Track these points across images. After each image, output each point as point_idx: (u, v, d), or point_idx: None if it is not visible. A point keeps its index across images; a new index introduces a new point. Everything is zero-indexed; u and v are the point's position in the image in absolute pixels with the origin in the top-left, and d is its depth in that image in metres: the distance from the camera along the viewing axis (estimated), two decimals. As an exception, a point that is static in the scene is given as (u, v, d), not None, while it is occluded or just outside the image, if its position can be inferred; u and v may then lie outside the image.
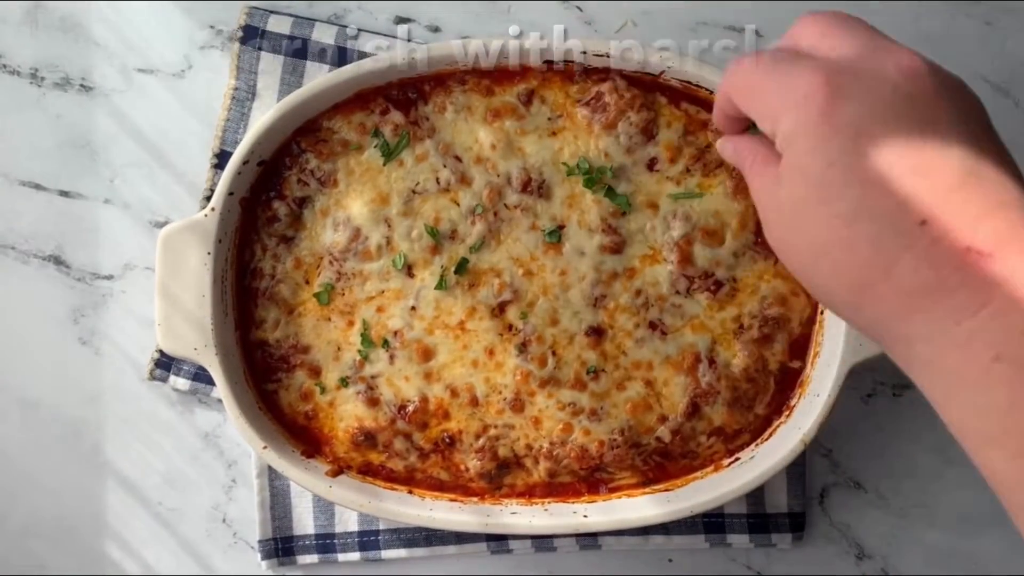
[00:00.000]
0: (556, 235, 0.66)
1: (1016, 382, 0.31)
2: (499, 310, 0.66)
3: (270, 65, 0.71)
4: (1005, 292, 0.32)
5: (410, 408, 0.66)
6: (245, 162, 0.64)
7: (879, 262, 0.34)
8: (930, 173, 0.34)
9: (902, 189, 0.34)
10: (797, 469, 0.71)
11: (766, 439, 0.66)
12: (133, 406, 0.73)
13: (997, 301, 0.32)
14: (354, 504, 0.64)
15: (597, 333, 0.66)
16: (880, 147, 0.34)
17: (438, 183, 0.66)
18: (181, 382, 0.72)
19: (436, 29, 0.72)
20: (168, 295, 0.63)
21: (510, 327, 0.66)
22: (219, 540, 0.74)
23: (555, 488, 0.67)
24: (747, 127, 0.49)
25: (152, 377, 0.72)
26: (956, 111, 0.36)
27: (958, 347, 0.32)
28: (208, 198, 0.70)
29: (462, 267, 0.66)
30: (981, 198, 0.34)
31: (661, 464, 0.67)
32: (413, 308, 0.66)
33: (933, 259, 0.33)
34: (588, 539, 0.72)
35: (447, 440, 0.67)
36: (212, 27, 0.73)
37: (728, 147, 0.49)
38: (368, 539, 0.72)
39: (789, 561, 0.73)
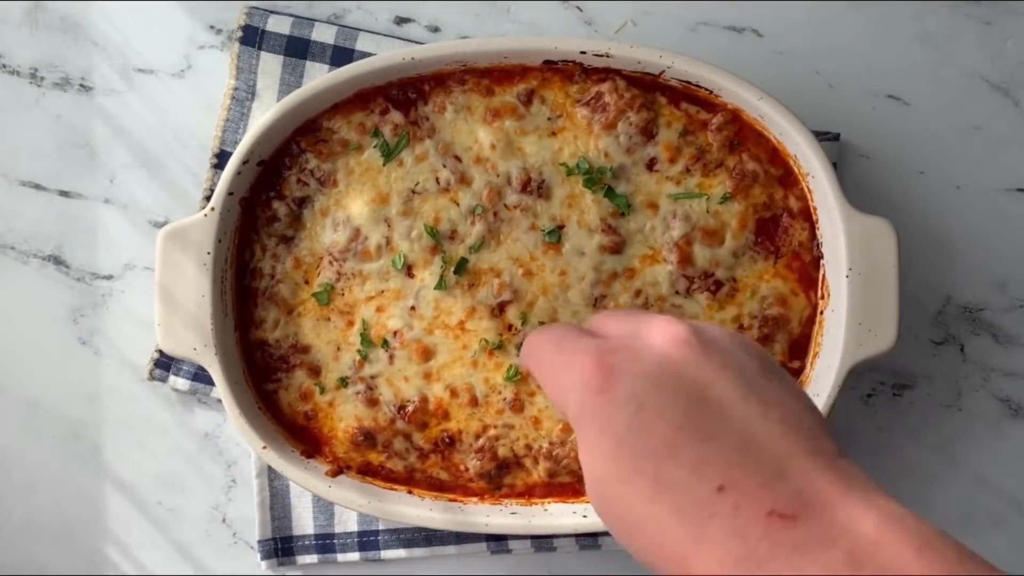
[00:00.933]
0: (556, 235, 0.66)
1: None
2: (499, 310, 0.66)
3: (270, 65, 0.71)
4: (816, 559, 0.30)
5: (410, 408, 0.66)
6: (245, 162, 0.64)
7: (688, 535, 0.33)
8: (714, 437, 0.33)
9: (693, 457, 0.33)
10: (797, 469, 0.71)
11: (766, 439, 0.66)
12: (133, 406, 0.73)
13: (811, 568, 0.30)
14: (354, 504, 0.64)
15: (597, 333, 0.66)
16: (662, 418, 0.34)
17: (438, 183, 0.66)
18: (181, 382, 0.72)
19: (436, 29, 0.72)
20: (168, 295, 0.63)
21: (510, 327, 0.66)
22: (219, 540, 0.73)
23: (555, 488, 0.67)
24: None
25: (152, 377, 0.72)
26: (729, 367, 0.36)
27: None
28: (208, 198, 0.70)
29: (462, 267, 0.66)
30: (771, 454, 0.33)
31: (661, 464, 0.67)
32: (413, 308, 0.66)
33: (738, 529, 0.32)
34: (588, 539, 0.72)
35: (447, 440, 0.67)
36: (212, 27, 0.73)
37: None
38: (368, 539, 0.72)
39: (789, 561, 0.73)
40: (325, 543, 0.72)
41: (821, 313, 0.65)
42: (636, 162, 0.65)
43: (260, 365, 0.67)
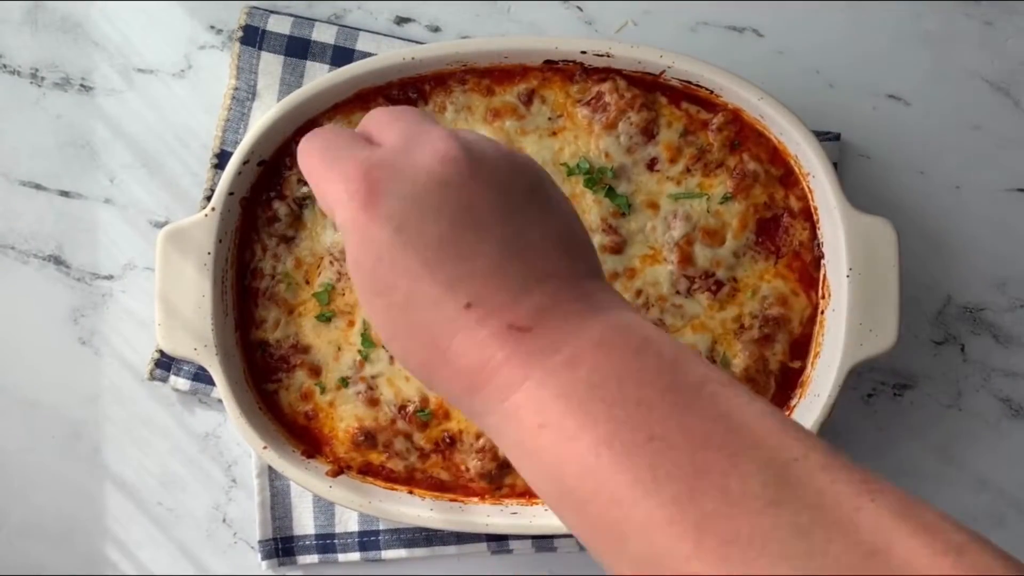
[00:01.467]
0: (556, 235, 0.66)
1: (560, 445, 0.32)
2: (499, 310, 0.66)
3: (270, 65, 0.71)
4: (541, 363, 0.33)
5: (410, 408, 0.66)
6: (245, 162, 0.64)
7: (436, 346, 0.35)
8: (472, 257, 0.35)
9: (447, 276, 0.34)
10: (797, 469, 0.71)
11: (766, 439, 0.66)
12: (133, 406, 0.73)
13: (536, 373, 0.33)
14: (354, 504, 0.64)
15: (597, 333, 0.66)
16: (422, 237, 0.35)
17: (438, 183, 0.66)
18: (181, 382, 0.72)
19: (436, 29, 0.72)
20: (168, 295, 0.63)
21: (510, 327, 0.66)
22: (219, 540, 0.73)
23: (555, 488, 0.67)
24: None
25: (152, 377, 0.72)
26: (493, 189, 0.36)
27: (510, 420, 0.34)
28: (208, 198, 0.70)
29: (462, 267, 0.66)
30: (523, 273, 0.35)
31: (661, 464, 0.67)
32: (413, 308, 0.66)
33: (480, 340, 0.34)
34: (588, 539, 0.72)
35: (447, 440, 0.67)
36: (212, 27, 0.73)
37: None
38: (368, 539, 0.72)
39: (789, 561, 0.73)
40: (326, 543, 0.72)
41: (822, 313, 0.66)
42: (637, 162, 0.65)
43: (260, 365, 0.67)
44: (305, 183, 0.66)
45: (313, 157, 0.40)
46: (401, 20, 0.73)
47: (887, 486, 0.30)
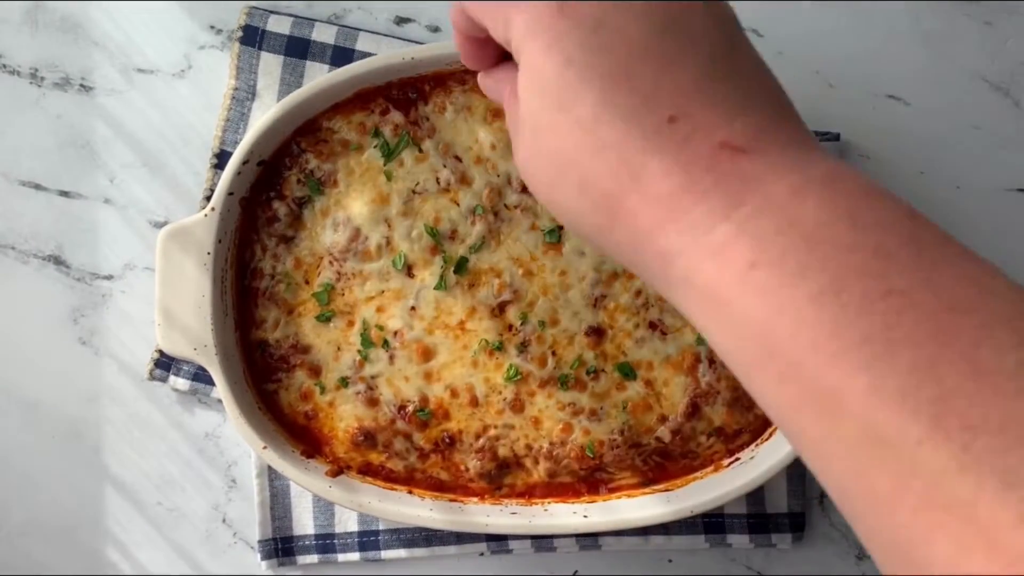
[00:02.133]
0: (556, 235, 0.66)
1: (773, 290, 0.27)
2: (499, 310, 0.66)
3: (270, 65, 0.71)
4: (761, 190, 0.28)
5: (410, 408, 0.66)
6: (245, 162, 0.64)
7: (626, 169, 0.29)
8: (679, 67, 0.30)
9: (648, 84, 0.29)
10: (797, 469, 0.71)
11: (766, 439, 0.66)
12: (133, 406, 0.73)
13: (752, 201, 0.28)
14: (354, 504, 0.64)
15: (597, 333, 0.66)
16: (624, 39, 0.30)
17: (438, 183, 0.66)
18: (181, 382, 0.72)
19: (436, 29, 0.72)
20: (168, 295, 0.63)
21: (510, 327, 0.66)
22: (219, 540, 0.73)
23: (555, 488, 0.67)
24: (500, 54, 0.42)
25: (152, 377, 0.72)
26: (706, 7, 0.32)
27: (713, 257, 0.28)
28: (208, 198, 0.70)
29: (462, 267, 0.66)
30: (735, 91, 0.30)
31: (661, 464, 0.67)
32: (413, 308, 0.66)
33: (684, 159, 0.29)
34: (588, 539, 0.72)
35: (447, 440, 0.67)
36: (212, 27, 0.73)
37: (488, 82, 0.43)
38: (368, 539, 0.72)
39: (789, 561, 0.73)
40: (325, 543, 0.72)
41: (821, 313, 0.65)
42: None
43: (260, 365, 0.67)
44: (304, 183, 0.66)
45: None
46: (401, 20, 0.73)
47: None
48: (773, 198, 0.28)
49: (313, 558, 0.72)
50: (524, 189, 0.66)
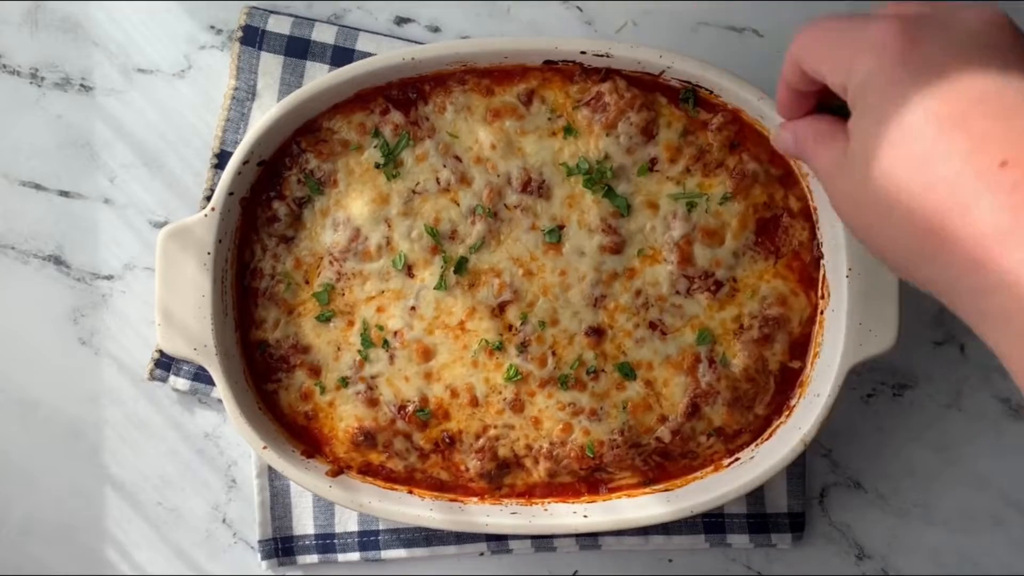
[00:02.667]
0: (556, 235, 0.66)
1: None
2: (499, 310, 0.66)
3: (270, 65, 0.71)
4: None
5: (410, 408, 0.66)
6: (245, 162, 0.64)
7: (956, 204, 0.32)
8: (1011, 115, 0.33)
9: (982, 129, 0.33)
10: (797, 469, 0.71)
11: (766, 439, 0.66)
12: (133, 406, 0.73)
13: None
14: (354, 504, 0.64)
15: (597, 333, 0.66)
16: (959, 87, 0.33)
17: (438, 183, 0.66)
18: (181, 382, 0.72)
19: (436, 29, 0.72)
20: (168, 295, 0.63)
21: (510, 327, 0.66)
22: (219, 540, 0.73)
23: (555, 488, 0.67)
24: (812, 109, 0.47)
25: (152, 377, 0.72)
26: None
27: None
28: (208, 198, 0.70)
29: (462, 267, 0.66)
30: None
31: (661, 464, 0.67)
32: (413, 308, 0.66)
33: (1013, 203, 0.31)
34: (588, 539, 0.72)
35: (447, 440, 0.67)
36: (212, 27, 0.73)
37: (786, 136, 0.46)
38: (368, 539, 0.72)
39: (789, 561, 0.73)
40: (325, 543, 0.72)
41: (821, 313, 0.65)
42: (636, 162, 0.65)
43: (260, 365, 0.67)
44: (304, 183, 0.66)
45: (824, 26, 0.40)
46: (401, 20, 0.73)
47: None
48: None
49: (313, 558, 0.72)
50: (524, 189, 0.66)
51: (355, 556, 0.72)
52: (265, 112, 0.65)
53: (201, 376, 0.72)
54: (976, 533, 0.73)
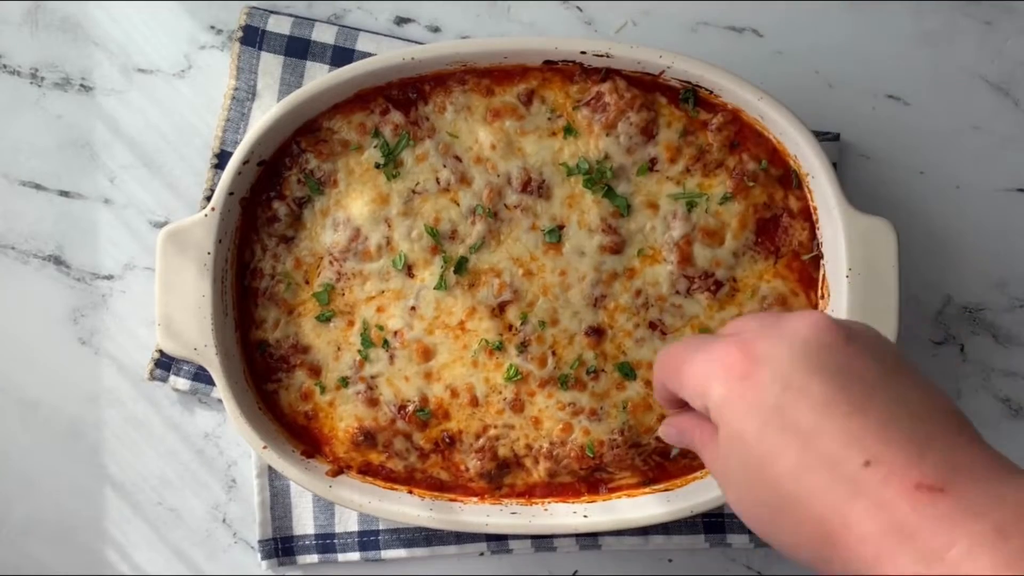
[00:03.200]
0: (556, 235, 0.66)
1: None
2: (499, 310, 0.66)
3: (270, 65, 0.71)
4: (966, 529, 0.31)
5: (410, 408, 0.66)
6: (245, 162, 0.64)
7: (834, 513, 0.34)
8: (861, 413, 0.34)
9: (839, 433, 0.34)
10: (797, 469, 0.71)
11: (766, 439, 0.66)
12: (133, 406, 0.73)
13: (962, 540, 0.31)
14: (354, 504, 0.64)
15: (597, 333, 0.66)
16: (808, 397, 0.35)
17: (438, 183, 0.66)
18: (181, 382, 0.72)
19: (436, 29, 0.72)
20: (168, 295, 0.63)
21: (510, 327, 0.66)
22: (219, 540, 0.73)
23: (555, 488, 0.67)
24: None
25: (152, 377, 0.72)
26: (869, 352, 0.37)
27: None
28: (208, 198, 0.70)
29: (462, 267, 0.66)
30: (918, 428, 0.34)
31: (661, 464, 0.67)
32: (413, 308, 0.66)
33: (886, 502, 0.32)
34: (588, 539, 0.72)
35: (447, 440, 0.67)
36: (212, 27, 0.73)
37: (671, 431, 0.49)
38: (368, 539, 0.72)
39: (789, 561, 0.73)
40: (325, 543, 0.72)
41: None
42: (636, 162, 0.65)
43: (260, 365, 0.67)
44: (304, 183, 0.66)
45: (676, 350, 0.42)
46: (401, 20, 0.73)
47: None
48: (981, 538, 0.30)
49: (313, 558, 0.72)
50: (524, 189, 0.66)
51: (355, 556, 0.72)
52: (265, 112, 0.65)
53: (201, 376, 0.72)
54: (976, 533, 0.72)
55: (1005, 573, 0.30)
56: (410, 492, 0.67)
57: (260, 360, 0.67)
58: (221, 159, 0.71)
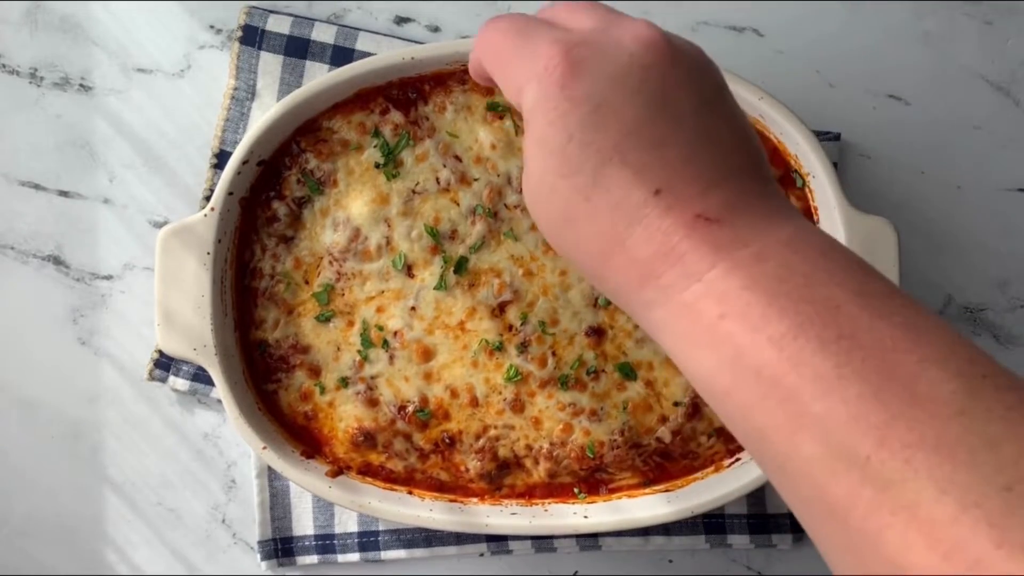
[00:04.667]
0: (556, 235, 0.66)
1: (740, 334, 0.32)
2: (499, 310, 0.66)
3: (270, 65, 0.71)
4: (729, 255, 0.33)
5: (410, 408, 0.66)
6: (245, 162, 0.64)
7: (616, 232, 0.35)
8: (665, 144, 0.35)
9: (638, 160, 0.34)
10: (797, 469, 0.71)
11: (766, 439, 0.66)
12: (132, 407, 0.73)
13: (722, 263, 0.33)
14: (354, 505, 0.64)
15: (597, 333, 0.66)
16: (618, 119, 0.35)
17: (438, 183, 0.66)
18: (180, 383, 0.72)
19: (436, 29, 0.72)
20: (167, 295, 0.63)
21: (510, 327, 0.66)
22: (218, 541, 0.73)
23: (555, 488, 0.67)
24: None
25: (151, 378, 0.72)
26: (691, 79, 0.37)
27: (687, 309, 0.33)
28: (207, 198, 0.70)
29: (462, 267, 0.66)
30: (714, 167, 0.35)
31: (661, 464, 0.67)
32: (413, 308, 0.66)
33: (665, 228, 0.34)
34: (588, 540, 0.72)
35: (447, 441, 0.66)
36: (212, 27, 0.73)
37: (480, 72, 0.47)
38: (368, 540, 0.72)
39: (789, 562, 0.73)
40: (325, 543, 0.72)
41: (822, 313, 0.65)
42: (636, 162, 0.65)
43: (260, 365, 0.67)
44: (304, 183, 0.66)
45: (500, 35, 0.40)
46: (401, 20, 0.73)
47: None
48: (740, 261, 0.33)
49: (313, 558, 0.72)
50: (524, 189, 0.66)
51: (355, 557, 0.72)
52: (265, 112, 0.65)
53: (200, 376, 0.72)
54: (977, 533, 0.72)
55: (751, 289, 0.32)
56: (410, 493, 0.67)
57: (260, 360, 0.67)
58: (221, 159, 0.71)
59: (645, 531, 0.71)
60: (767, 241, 0.33)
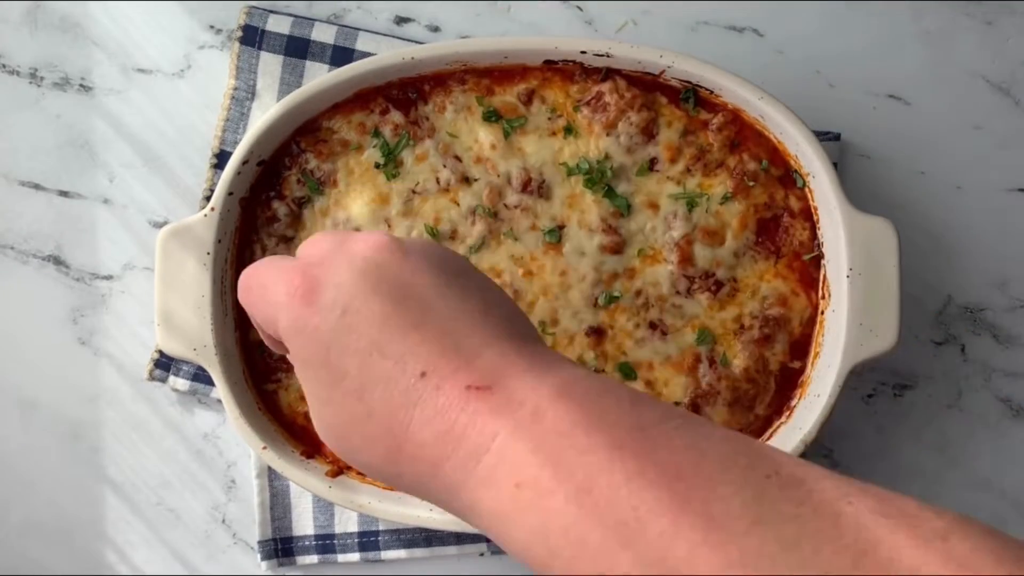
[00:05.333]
0: (556, 235, 0.66)
1: (540, 503, 0.31)
2: (499, 310, 0.66)
3: (270, 65, 0.71)
4: (509, 417, 0.33)
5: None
6: (245, 162, 0.64)
7: (398, 422, 0.35)
8: (418, 327, 0.35)
9: (396, 350, 0.35)
10: (797, 469, 0.70)
11: (767, 439, 0.66)
12: (132, 407, 0.73)
13: (503, 430, 0.32)
14: (354, 505, 0.64)
15: (597, 333, 0.66)
16: (368, 317, 0.36)
17: (438, 183, 0.66)
18: (180, 382, 0.72)
19: (436, 29, 0.72)
20: (167, 295, 0.63)
21: (510, 327, 0.66)
22: (218, 541, 0.73)
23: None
24: None
25: (151, 378, 0.72)
26: (430, 265, 0.38)
27: (486, 487, 0.33)
28: (207, 198, 0.70)
29: (462, 267, 0.66)
30: (472, 335, 0.36)
31: (661, 464, 0.67)
32: (413, 308, 0.66)
33: (440, 406, 0.34)
34: (588, 540, 0.71)
35: (447, 440, 0.66)
36: (212, 27, 0.73)
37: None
38: (368, 540, 0.72)
39: (789, 562, 0.73)
40: (325, 543, 0.72)
41: (822, 313, 0.65)
42: (636, 162, 0.65)
43: (260, 365, 0.67)
44: (304, 183, 0.66)
45: (251, 278, 0.42)
46: (401, 20, 0.73)
47: (861, 487, 0.30)
48: (520, 422, 0.32)
49: (313, 558, 0.72)
50: (524, 189, 0.66)
51: (355, 556, 0.72)
52: (265, 112, 0.65)
53: (200, 376, 0.71)
54: (977, 533, 0.72)
55: (536, 451, 0.32)
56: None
57: (260, 360, 0.67)
58: (221, 159, 0.71)
59: (645, 531, 0.71)
60: (540, 397, 0.33)
